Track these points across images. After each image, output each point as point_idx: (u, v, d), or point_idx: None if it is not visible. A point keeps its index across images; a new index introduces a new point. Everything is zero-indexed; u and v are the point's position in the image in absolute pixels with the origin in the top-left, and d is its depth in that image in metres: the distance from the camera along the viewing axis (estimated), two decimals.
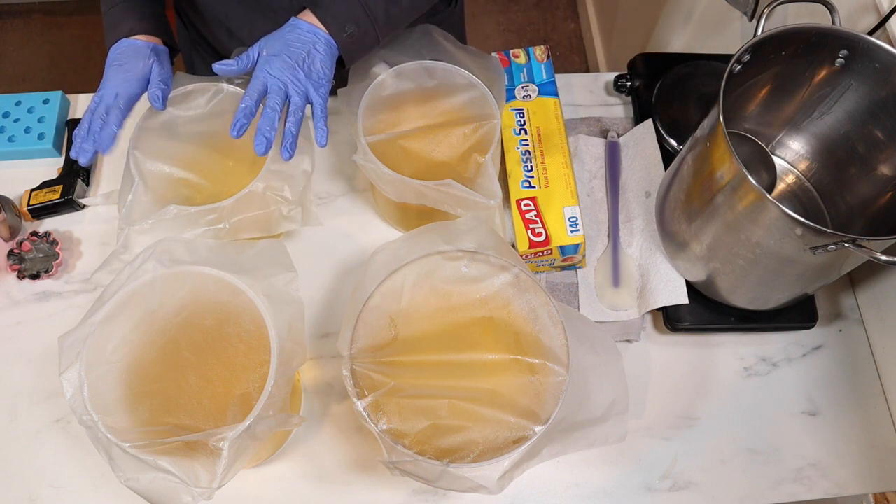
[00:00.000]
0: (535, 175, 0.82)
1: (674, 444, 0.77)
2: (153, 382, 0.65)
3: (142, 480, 0.57)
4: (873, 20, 0.76)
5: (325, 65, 0.70)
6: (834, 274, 0.72)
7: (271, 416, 0.60)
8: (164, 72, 0.76)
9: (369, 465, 0.75)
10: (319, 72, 0.69)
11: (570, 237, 0.78)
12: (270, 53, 0.69)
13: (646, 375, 0.80)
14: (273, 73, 0.68)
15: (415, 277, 0.67)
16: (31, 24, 2.12)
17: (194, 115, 0.78)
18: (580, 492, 0.75)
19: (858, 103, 0.73)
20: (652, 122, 0.88)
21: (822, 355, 0.82)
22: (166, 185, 0.75)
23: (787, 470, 0.77)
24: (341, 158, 0.91)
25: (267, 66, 0.68)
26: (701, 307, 0.80)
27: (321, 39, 0.70)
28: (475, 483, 0.58)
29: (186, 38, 0.98)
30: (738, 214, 0.65)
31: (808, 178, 0.83)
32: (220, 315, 0.67)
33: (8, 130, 0.89)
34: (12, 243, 0.84)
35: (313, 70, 0.69)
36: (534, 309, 0.66)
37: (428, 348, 0.65)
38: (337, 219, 0.88)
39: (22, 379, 0.78)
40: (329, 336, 0.81)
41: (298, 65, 0.68)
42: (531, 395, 0.63)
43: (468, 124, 0.78)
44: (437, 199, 0.73)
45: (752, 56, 0.68)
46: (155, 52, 0.76)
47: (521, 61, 0.90)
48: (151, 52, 0.75)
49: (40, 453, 0.75)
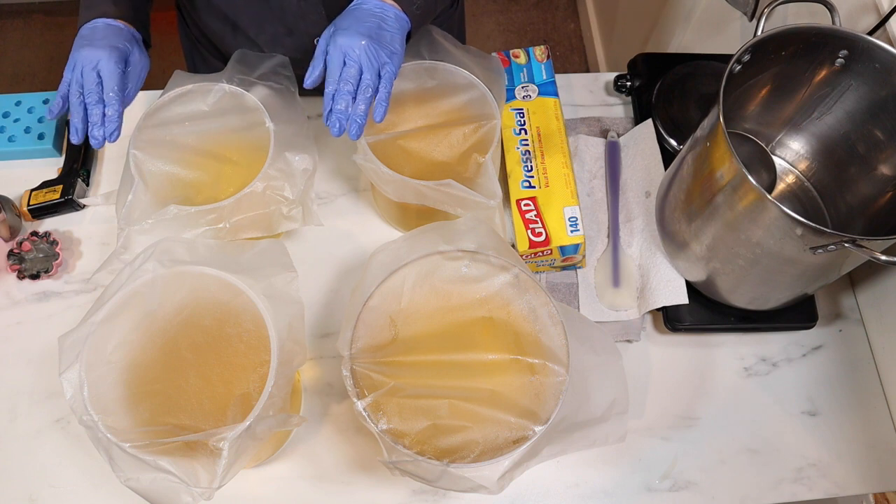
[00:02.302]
0: (535, 175, 0.82)
1: (674, 444, 0.77)
2: (153, 382, 0.65)
3: (142, 480, 0.57)
4: (873, 20, 0.76)
5: (395, 39, 0.68)
6: (834, 274, 0.72)
7: (271, 416, 0.60)
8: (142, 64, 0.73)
9: (369, 465, 0.75)
10: (391, 47, 0.68)
11: (570, 237, 0.78)
12: (340, 27, 0.67)
13: (646, 375, 0.80)
14: (348, 43, 0.65)
15: (415, 277, 0.67)
16: (31, 24, 2.12)
17: (195, 114, 0.78)
18: (580, 492, 0.75)
19: (858, 103, 0.73)
20: (652, 122, 0.88)
21: (822, 355, 0.82)
22: (166, 185, 0.75)
23: (787, 470, 0.77)
24: (341, 158, 0.91)
25: (341, 36, 0.66)
26: (701, 307, 0.80)
27: (390, 14, 0.69)
28: (475, 483, 0.58)
29: (187, 35, 0.98)
30: (738, 214, 0.65)
31: (808, 178, 0.83)
32: (220, 315, 0.67)
33: (8, 130, 0.89)
34: (12, 243, 0.84)
35: (384, 44, 0.67)
36: (534, 309, 0.66)
37: (428, 348, 0.65)
38: (337, 219, 0.88)
39: (22, 379, 0.78)
40: (329, 336, 0.81)
41: (372, 36, 0.67)
42: (531, 395, 0.63)
43: (468, 124, 0.78)
44: (437, 199, 0.73)
45: (752, 56, 0.68)
46: (135, 39, 0.73)
47: (521, 61, 0.90)
48: (127, 34, 0.72)
49: (40, 453, 0.75)
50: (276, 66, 0.83)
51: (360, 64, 0.66)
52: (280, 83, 0.82)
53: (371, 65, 0.66)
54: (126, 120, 0.70)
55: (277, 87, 0.81)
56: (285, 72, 0.83)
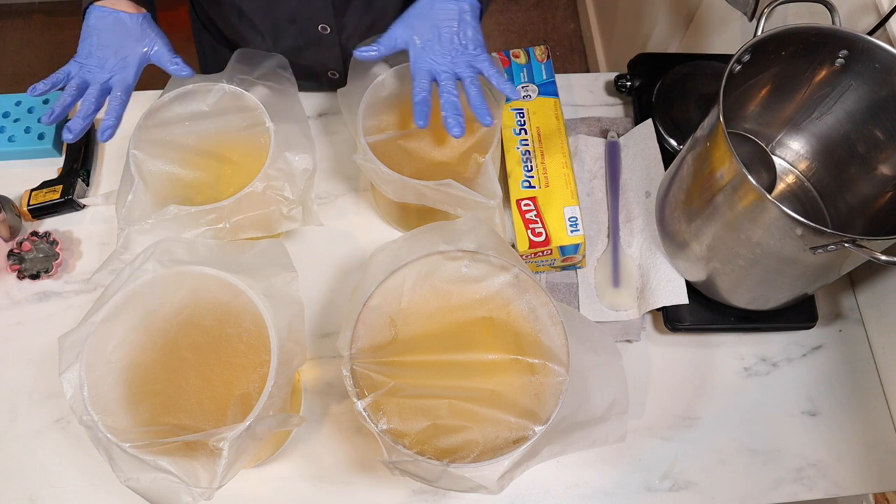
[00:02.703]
0: (535, 175, 0.82)
1: (674, 444, 0.77)
2: (153, 382, 0.65)
3: (142, 480, 0.57)
4: (873, 20, 0.76)
5: (476, 30, 0.70)
6: (834, 274, 0.72)
7: (271, 416, 0.60)
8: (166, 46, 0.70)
9: (369, 465, 0.75)
10: (475, 40, 0.69)
11: (570, 237, 0.78)
12: (424, 40, 0.69)
13: (646, 375, 0.80)
14: (435, 60, 0.68)
15: (415, 277, 0.67)
16: (31, 24, 2.12)
17: (195, 114, 0.78)
18: (580, 492, 0.75)
19: (858, 103, 0.73)
20: (652, 122, 0.88)
21: (822, 355, 0.82)
22: (166, 185, 0.75)
23: (787, 470, 0.77)
24: (341, 158, 0.91)
25: (426, 55, 0.69)
26: (701, 307, 0.80)
27: (466, 6, 0.69)
28: (475, 483, 0.58)
29: (196, 20, 0.98)
30: (738, 214, 0.65)
31: (808, 178, 0.83)
32: (220, 315, 0.67)
33: (8, 130, 0.89)
34: (12, 243, 0.84)
35: (469, 42, 0.69)
36: (534, 309, 0.66)
37: (428, 348, 0.65)
38: (337, 219, 0.88)
39: (22, 379, 0.78)
40: (329, 336, 0.81)
41: (455, 43, 0.69)
42: (531, 395, 0.63)
43: (468, 124, 0.78)
44: (437, 199, 0.73)
45: (752, 56, 0.68)
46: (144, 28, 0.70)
47: (521, 61, 0.90)
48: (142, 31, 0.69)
49: (40, 453, 0.75)
50: (276, 66, 0.83)
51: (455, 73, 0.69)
52: (280, 83, 0.82)
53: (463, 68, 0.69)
54: (126, 120, 0.70)
55: (277, 88, 0.81)
56: (285, 72, 0.83)
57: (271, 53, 0.84)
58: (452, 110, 0.67)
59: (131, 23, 0.69)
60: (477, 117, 0.68)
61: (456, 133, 0.67)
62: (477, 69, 0.69)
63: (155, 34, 0.70)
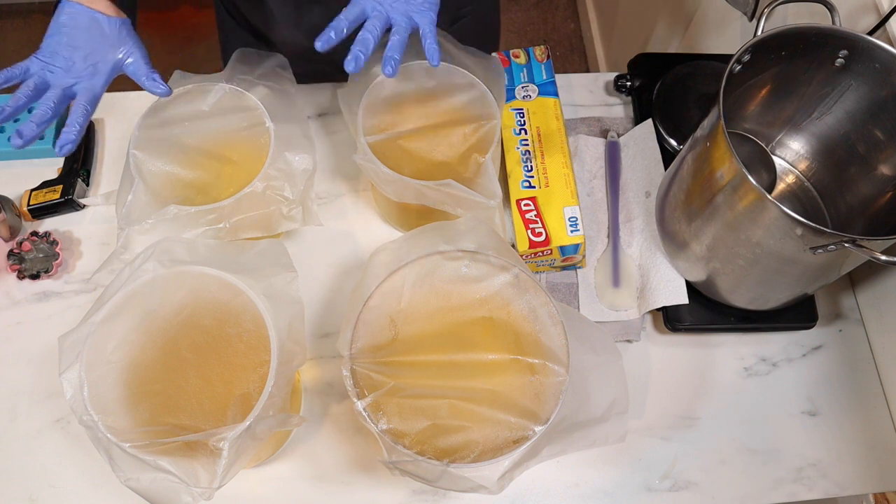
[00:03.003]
0: (535, 175, 0.82)
1: (674, 444, 0.77)
2: (153, 382, 0.65)
3: (142, 480, 0.57)
4: (873, 20, 0.76)
5: None
6: (834, 274, 0.72)
7: (271, 416, 0.60)
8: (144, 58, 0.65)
9: (369, 465, 0.75)
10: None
11: (570, 237, 0.78)
12: None
13: (646, 375, 0.80)
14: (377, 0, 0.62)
15: (415, 277, 0.67)
16: (31, 24, 2.12)
17: (195, 114, 0.78)
18: (580, 492, 0.75)
19: (858, 103, 0.73)
20: (652, 122, 0.88)
21: (822, 355, 0.82)
22: (166, 185, 0.75)
23: (787, 470, 0.77)
24: (341, 158, 0.91)
25: None
26: (701, 307, 0.80)
27: None
28: (475, 483, 0.58)
29: (220, 5, 0.97)
30: (738, 214, 0.65)
31: (808, 178, 0.83)
32: (220, 315, 0.67)
33: (8, 130, 0.89)
34: (12, 243, 0.84)
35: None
36: (534, 309, 0.66)
37: (428, 348, 0.65)
38: (337, 219, 0.88)
39: (22, 379, 0.78)
40: (329, 336, 0.81)
41: None
42: (531, 395, 0.63)
43: (468, 124, 0.78)
44: (437, 199, 0.73)
45: (752, 56, 0.68)
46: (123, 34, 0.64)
47: (521, 61, 0.90)
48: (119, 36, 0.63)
49: (40, 453, 0.75)
50: (276, 65, 0.83)
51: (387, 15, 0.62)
52: (280, 83, 0.82)
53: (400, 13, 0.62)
54: (126, 120, 0.70)
55: (277, 88, 0.81)
56: (285, 72, 0.83)
57: (271, 53, 0.83)
58: (360, 45, 0.61)
59: (108, 26, 0.63)
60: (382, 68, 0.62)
61: (350, 67, 0.60)
62: (414, 22, 0.63)
63: (133, 42, 0.65)
